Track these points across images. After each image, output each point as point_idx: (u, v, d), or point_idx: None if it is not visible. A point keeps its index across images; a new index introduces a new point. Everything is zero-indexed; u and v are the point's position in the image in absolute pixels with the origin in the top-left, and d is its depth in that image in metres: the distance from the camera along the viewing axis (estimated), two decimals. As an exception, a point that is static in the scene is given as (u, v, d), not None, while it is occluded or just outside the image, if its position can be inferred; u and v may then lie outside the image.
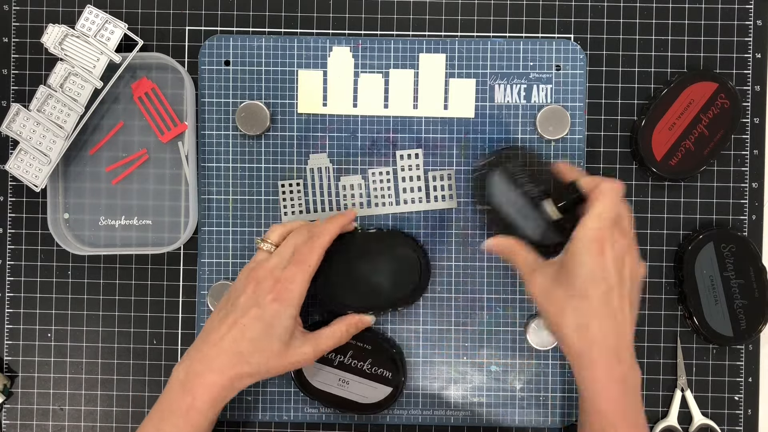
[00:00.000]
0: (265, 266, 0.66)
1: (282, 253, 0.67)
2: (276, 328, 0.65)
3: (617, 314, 0.60)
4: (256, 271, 0.66)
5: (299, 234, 0.68)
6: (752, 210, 0.75)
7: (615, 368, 0.60)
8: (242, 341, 0.64)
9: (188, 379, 0.64)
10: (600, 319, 0.60)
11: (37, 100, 0.71)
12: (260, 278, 0.66)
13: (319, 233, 0.68)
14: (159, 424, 0.64)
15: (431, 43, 0.74)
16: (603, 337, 0.60)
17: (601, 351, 0.60)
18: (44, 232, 0.75)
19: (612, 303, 0.60)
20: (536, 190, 0.70)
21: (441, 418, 0.75)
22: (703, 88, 0.73)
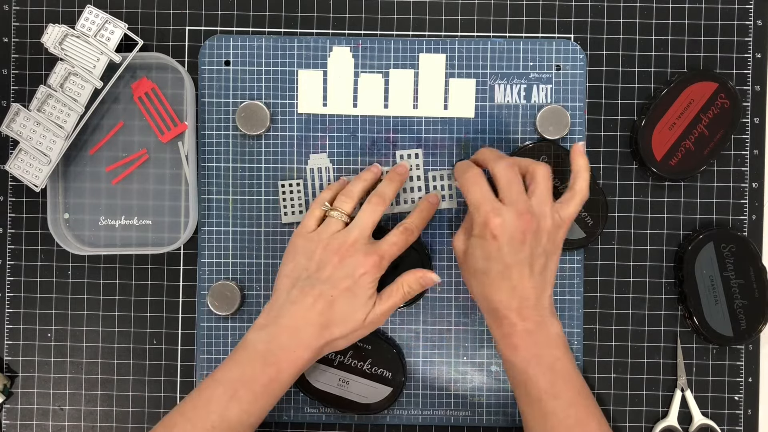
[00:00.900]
0: (348, 240, 0.66)
1: (363, 227, 0.67)
2: (362, 299, 0.66)
3: (517, 286, 0.63)
4: (338, 241, 0.66)
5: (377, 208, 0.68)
6: (752, 210, 0.75)
7: (519, 324, 0.63)
8: (330, 313, 0.65)
9: (271, 351, 0.64)
10: (500, 290, 0.64)
11: (37, 100, 0.71)
12: (345, 251, 0.66)
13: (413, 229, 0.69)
14: (235, 391, 0.63)
15: (431, 43, 0.74)
16: (504, 302, 0.64)
17: (505, 311, 0.64)
18: (44, 232, 0.75)
19: (509, 279, 0.63)
20: (561, 186, 0.72)
21: (441, 418, 0.75)
22: (703, 88, 0.73)
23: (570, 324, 0.74)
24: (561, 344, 0.64)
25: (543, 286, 0.65)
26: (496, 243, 0.63)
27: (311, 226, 0.69)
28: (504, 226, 0.63)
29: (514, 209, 0.63)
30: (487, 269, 0.64)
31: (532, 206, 0.64)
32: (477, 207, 0.64)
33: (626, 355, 0.75)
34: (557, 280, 0.74)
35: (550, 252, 0.65)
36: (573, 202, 0.66)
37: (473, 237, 0.65)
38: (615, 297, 0.75)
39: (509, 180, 0.64)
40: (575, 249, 0.74)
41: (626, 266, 0.75)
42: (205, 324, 0.75)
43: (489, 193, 0.65)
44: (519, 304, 0.63)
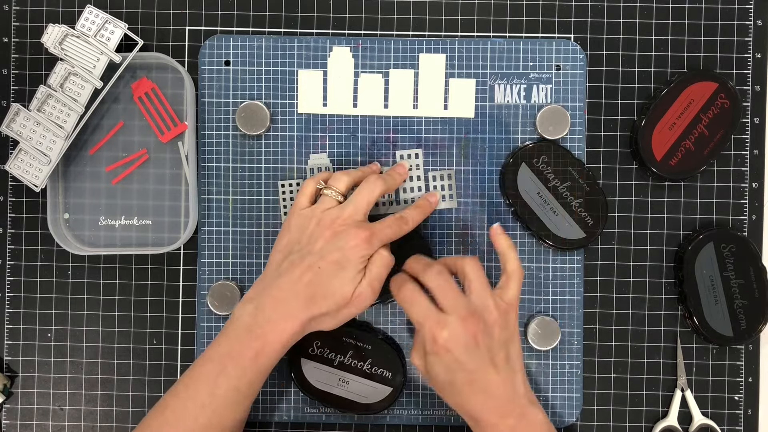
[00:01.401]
0: (342, 215, 0.66)
1: (358, 204, 0.67)
2: (350, 271, 0.65)
3: (486, 387, 0.62)
4: (331, 217, 0.66)
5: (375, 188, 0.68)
6: (752, 210, 0.75)
7: (500, 423, 0.62)
8: (318, 285, 0.64)
9: (258, 324, 0.64)
10: (471, 397, 0.63)
11: (37, 100, 0.71)
12: (338, 226, 0.66)
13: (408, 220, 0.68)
14: (223, 366, 0.63)
15: (431, 43, 0.74)
16: (480, 406, 0.63)
17: (484, 415, 0.63)
18: (44, 232, 0.75)
19: (475, 383, 0.62)
20: (563, 186, 0.72)
21: (441, 418, 0.75)
22: (703, 88, 0.73)
23: (570, 324, 0.74)
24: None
25: (512, 377, 0.63)
26: (451, 354, 0.62)
27: (304, 203, 0.68)
28: (453, 337, 0.62)
29: (456, 316, 0.62)
30: (452, 380, 0.63)
31: (474, 305, 0.63)
32: (421, 324, 0.63)
33: (626, 355, 0.75)
34: (557, 280, 0.74)
35: (506, 340, 0.64)
36: (511, 283, 0.65)
37: (427, 354, 0.64)
38: (615, 297, 0.75)
39: (441, 287, 0.64)
40: (575, 249, 0.74)
41: (626, 266, 0.75)
42: (205, 324, 0.75)
43: (429, 307, 0.63)
44: (495, 403, 0.62)
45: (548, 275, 0.74)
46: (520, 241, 0.74)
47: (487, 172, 0.74)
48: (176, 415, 0.64)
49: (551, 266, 0.74)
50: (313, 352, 0.72)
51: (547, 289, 0.74)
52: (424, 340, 0.63)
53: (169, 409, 0.64)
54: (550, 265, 0.74)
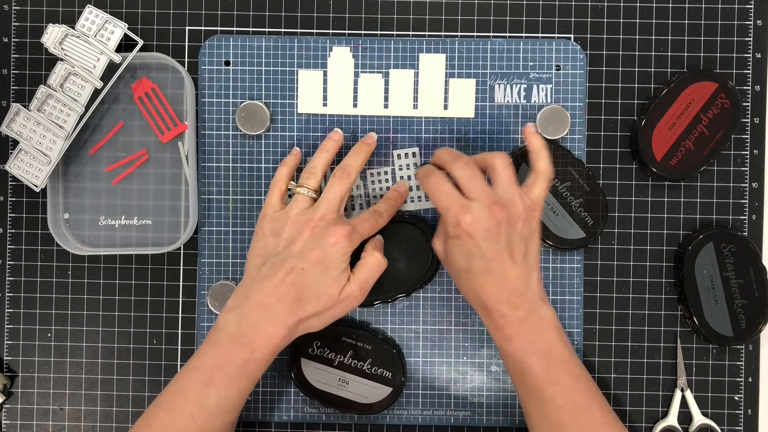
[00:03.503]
0: (316, 214, 0.66)
1: (330, 201, 0.67)
2: (334, 271, 0.65)
3: (502, 277, 0.63)
4: (307, 216, 0.66)
5: (343, 181, 0.68)
6: (752, 210, 0.75)
7: (510, 314, 0.63)
8: (302, 287, 0.64)
9: (243, 332, 0.63)
10: (485, 284, 0.63)
11: (37, 100, 0.71)
12: (314, 225, 0.65)
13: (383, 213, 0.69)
14: (211, 377, 0.63)
15: (431, 43, 0.74)
16: (492, 295, 0.63)
17: (495, 304, 0.63)
18: (44, 232, 0.75)
19: (492, 271, 0.63)
20: (561, 186, 0.72)
21: (441, 418, 0.75)
22: (703, 88, 0.73)
23: (570, 324, 0.74)
24: (554, 329, 0.64)
25: (528, 272, 0.64)
26: (472, 240, 0.62)
27: (277, 205, 0.68)
28: (476, 221, 0.62)
29: (481, 203, 0.63)
30: (469, 267, 0.63)
31: (499, 195, 0.63)
32: (446, 209, 0.63)
33: (626, 355, 0.75)
34: (557, 280, 0.74)
35: (527, 236, 0.64)
36: (538, 182, 0.65)
37: (449, 238, 0.64)
38: (615, 297, 0.75)
39: (468, 176, 0.64)
40: (575, 249, 0.74)
41: (626, 266, 0.75)
42: (205, 324, 0.75)
43: (454, 193, 0.64)
44: (508, 294, 0.63)
45: (548, 275, 0.74)
46: (520, 241, 0.74)
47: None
48: (164, 426, 0.63)
49: (551, 266, 0.74)
50: (313, 352, 0.72)
51: (547, 289, 0.74)
52: (447, 224, 0.64)
53: (157, 420, 0.63)
54: (550, 265, 0.74)
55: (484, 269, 0.63)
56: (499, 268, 0.63)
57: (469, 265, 0.63)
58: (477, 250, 0.63)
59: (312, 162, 0.70)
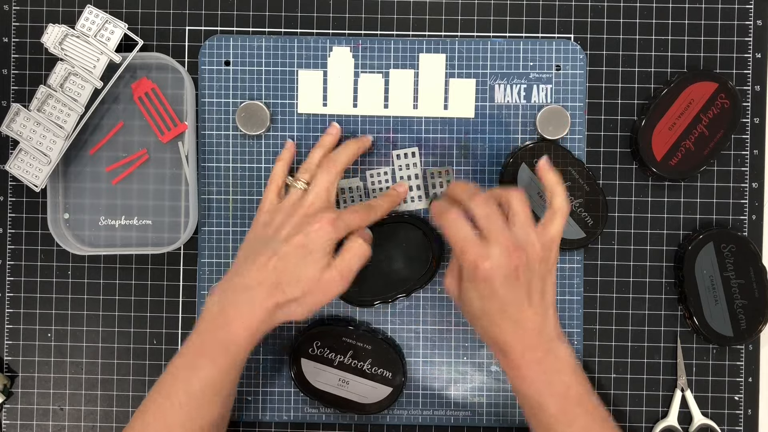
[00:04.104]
0: (305, 203, 0.67)
1: (318, 192, 0.67)
2: (315, 254, 0.65)
3: (519, 320, 0.62)
4: (296, 207, 0.67)
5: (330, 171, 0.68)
6: (752, 210, 0.75)
7: (527, 355, 0.62)
8: (284, 271, 0.64)
9: (224, 313, 0.64)
10: (503, 326, 0.63)
11: (37, 100, 0.71)
12: (302, 213, 0.66)
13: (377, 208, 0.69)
14: (196, 358, 0.63)
15: (431, 43, 0.74)
16: (510, 336, 0.63)
17: (513, 346, 0.63)
18: (44, 232, 0.75)
19: (508, 315, 0.62)
20: None
21: (441, 418, 0.75)
22: (703, 88, 0.73)
23: (570, 324, 0.74)
24: (571, 369, 0.63)
25: (544, 311, 0.63)
26: (490, 285, 0.62)
27: (273, 200, 0.69)
28: (495, 268, 0.61)
29: (500, 247, 0.61)
30: (485, 310, 0.63)
31: (517, 237, 0.62)
32: (463, 251, 0.62)
33: (626, 355, 0.75)
34: (557, 280, 0.74)
35: (545, 275, 0.64)
36: (555, 220, 0.65)
37: (465, 281, 0.64)
38: (615, 297, 0.75)
39: (488, 215, 0.63)
40: (575, 249, 0.74)
41: (626, 266, 0.75)
42: (205, 324, 0.75)
43: (472, 235, 0.62)
44: (524, 335, 0.62)
45: (548, 275, 0.74)
46: (520, 241, 0.74)
47: (487, 172, 0.74)
48: (156, 417, 0.63)
49: (551, 266, 0.74)
50: (313, 352, 0.72)
51: (547, 289, 0.74)
52: (462, 266, 0.63)
53: (150, 413, 0.64)
54: (550, 265, 0.74)
55: (501, 311, 0.62)
56: (516, 312, 0.62)
57: (485, 307, 0.63)
58: (494, 294, 0.62)
59: (308, 158, 0.71)
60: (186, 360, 0.64)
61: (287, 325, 0.75)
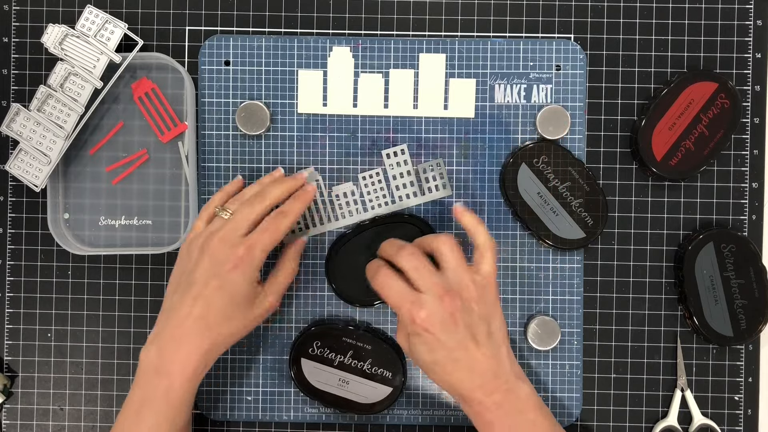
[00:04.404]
0: (219, 235, 0.65)
1: (236, 221, 0.66)
2: (239, 295, 0.64)
3: (470, 362, 0.62)
4: (210, 241, 0.65)
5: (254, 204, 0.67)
6: (752, 210, 0.75)
7: (486, 400, 0.62)
8: (209, 315, 0.64)
9: (162, 363, 0.63)
10: (456, 373, 0.62)
11: (37, 100, 0.71)
12: (214, 249, 0.64)
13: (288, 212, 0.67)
14: (139, 412, 0.63)
15: (431, 43, 0.74)
16: (466, 383, 0.62)
17: (471, 393, 0.62)
18: (44, 232, 0.75)
19: (459, 361, 0.62)
20: (563, 186, 0.72)
21: (441, 418, 0.75)
22: (703, 88, 0.73)
23: (570, 324, 0.74)
24: (534, 406, 0.63)
25: (495, 351, 0.63)
26: (431, 335, 0.62)
27: (200, 227, 0.68)
28: (430, 316, 0.61)
29: (432, 295, 0.62)
30: (435, 360, 0.63)
31: (449, 282, 0.63)
32: (399, 307, 0.63)
33: (626, 355, 0.75)
34: (557, 280, 0.74)
35: (488, 315, 0.63)
36: (485, 257, 0.65)
37: (409, 335, 0.64)
38: (615, 297, 0.75)
39: (415, 267, 0.63)
40: (575, 249, 0.74)
41: (626, 266, 0.75)
42: (205, 324, 0.75)
43: (404, 289, 0.63)
44: (480, 380, 0.62)
45: (548, 275, 0.74)
46: (520, 241, 0.74)
47: (487, 172, 0.74)
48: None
49: (551, 266, 0.74)
50: (313, 352, 0.72)
51: (547, 289, 0.74)
52: (403, 322, 0.63)
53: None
54: (550, 265, 0.74)
55: (451, 359, 0.62)
56: (464, 356, 0.62)
57: (434, 358, 0.62)
58: (438, 343, 0.62)
59: (244, 190, 0.69)
60: (130, 412, 0.64)
61: (287, 325, 0.75)
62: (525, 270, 0.74)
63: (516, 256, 0.74)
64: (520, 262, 0.74)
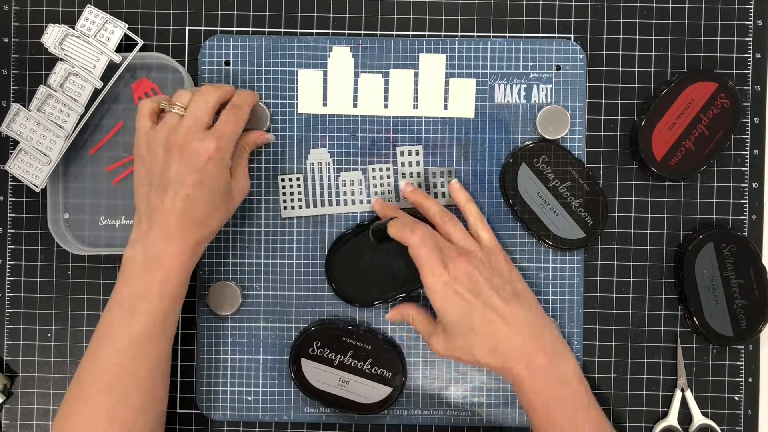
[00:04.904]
0: (181, 130, 0.64)
1: (195, 112, 0.65)
2: (218, 187, 0.65)
3: (506, 321, 0.64)
4: (175, 136, 0.64)
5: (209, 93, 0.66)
6: (752, 210, 0.75)
7: (533, 362, 0.63)
8: (195, 210, 0.64)
9: (151, 258, 0.64)
10: (496, 336, 0.64)
11: (37, 100, 0.71)
12: (181, 144, 0.64)
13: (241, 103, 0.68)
14: (132, 309, 0.63)
15: (431, 43, 0.74)
16: (508, 345, 0.64)
17: (514, 355, 0.64)
18: (44, 232, 0.75)
19: (494, 320, 0.64)
20: (563, 186, 0.72)
21: (441, 418, 0.75)
22: (703, 88, 0.73)
23: (570, 324, 0.74)
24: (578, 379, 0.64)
25: (527, 310, 0.65)
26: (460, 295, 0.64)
27: (147, 124, 0.66)
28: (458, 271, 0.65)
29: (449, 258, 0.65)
30: (472, 325, 0.64)
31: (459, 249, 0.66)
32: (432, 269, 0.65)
33: (626, 355, 0.75)
34: (557, 280, 0.74)
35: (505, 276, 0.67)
36: (480, 227, 0.69)
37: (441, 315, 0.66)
38: (615, 297, 0.75)
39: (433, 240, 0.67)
40: (575, 249, 0.74)
41: (626, 266, 0.75)
42: (205, 324, 0.75)
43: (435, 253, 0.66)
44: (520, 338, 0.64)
45: (548, 275, 0.74)
46: (520, 241, 0.74)
47: (487, 172, 0.74)
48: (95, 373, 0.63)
49: (551, 266, 0.74)
50: (313, 352, 0.72)
51: (547, 289, 0.74)
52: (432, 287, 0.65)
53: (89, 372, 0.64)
54: (550, 265, 0.74)
55: (485, 320, 0.64)
56: (496, 317, 0.64)
57: (471, 323, 0.64)
58: (468, 305, 0.64)
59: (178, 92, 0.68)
60: (123, 309, 0.64)
61: (287, 325, 0.75)
62: (525, 270, 0.74)
63: (516, 256, 0.74)
64: (520, 262, 0.74)
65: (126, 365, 0.63)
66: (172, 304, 0.65)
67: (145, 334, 0.64)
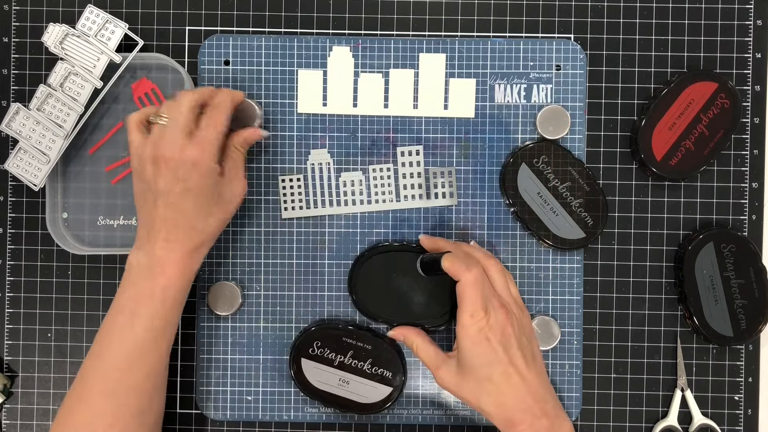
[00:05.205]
0: (166, 140, 0.65)
1: (175, 120, 0.65)
2: (207, 191, 0.65)
3: (523, 381, 0.64)
4: (160, 150, 0.64)
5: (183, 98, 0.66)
6: (752, 210, 0.75)
7: (537, 422, 0.64)
8: (186, 219, 0.65)
9: (153, 265, 0.65)
10: (509, 392, 0.64)
11: (37, 100, 0.71)
12: (168, 154, 0.64)
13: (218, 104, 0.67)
14: (135, 311, 0.65)
15: (431, 43, 0.74)
16: (518, 403, 0.64)
17: (521, 414, 0.64)
18: (44, 232, 0.75)
19: (512, 376, 0.64)
20: (563, 186, 0.72)
21: (441, 418, 0.75)
22: (703, 88, 0.73)
23: (570, 324, 0.74)
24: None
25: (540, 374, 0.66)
26: (490, 344, 0.64)
27: (137, 138, 0.66)
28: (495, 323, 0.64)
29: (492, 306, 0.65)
30: (491, 375, 0.64)
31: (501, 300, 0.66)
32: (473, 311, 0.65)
33: (626, 355, 0.75)
34: (557, 280, 0.74)
35: (530, 336, 0.67)
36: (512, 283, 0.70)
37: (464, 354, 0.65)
38: (615, 297, 0.75)
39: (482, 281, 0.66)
40: (575, 249, 0.74)
41: (626, 266, 0.75)
42: (205, 324, 0.75)
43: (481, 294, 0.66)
44: (532, 399, 0.64)
45: (548, 275, 0.74)
46: (520, 241, 0.74)
47: (487, 172, 0.74)
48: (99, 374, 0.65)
49: (551, 266, 0.74)
50: (313, 352, 0.72)
51: (546, 289, 0.74)
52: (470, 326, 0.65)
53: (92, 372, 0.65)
54: (550, 265, 0.74)
55: (505, 375, 0.64)
56: (516, 373, 0.64)
57: (490, 373, 0.64)
58: (495, 355, 0.64)
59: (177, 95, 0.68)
60: (125, 313, 0.65)
61: (287, 325, 0.75)
62: (525, 270, 0.74)
63: (516, 256, 0.74)
64: (520, 262, 0.74)
65: (126, 368, 0.64)
66: (174, 309, 0.66)
67: (147, 337, 0.65)
